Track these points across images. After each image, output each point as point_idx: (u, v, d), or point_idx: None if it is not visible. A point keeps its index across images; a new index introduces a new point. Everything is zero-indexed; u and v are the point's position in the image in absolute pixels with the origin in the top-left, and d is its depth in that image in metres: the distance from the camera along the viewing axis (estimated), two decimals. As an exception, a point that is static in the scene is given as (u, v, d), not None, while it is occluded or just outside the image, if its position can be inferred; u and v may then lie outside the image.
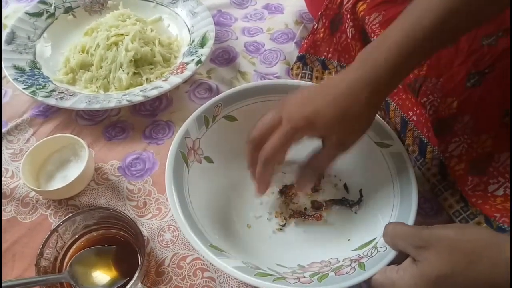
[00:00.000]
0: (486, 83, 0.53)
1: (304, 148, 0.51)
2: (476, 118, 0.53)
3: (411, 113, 0.61)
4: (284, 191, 0.59)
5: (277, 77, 0.77)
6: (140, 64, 0.75)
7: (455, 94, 0.55)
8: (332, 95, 0.46)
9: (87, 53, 0.76)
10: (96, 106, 0.67)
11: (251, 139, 0.51)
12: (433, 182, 0.58)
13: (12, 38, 0.78)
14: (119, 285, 0.50)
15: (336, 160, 0.50)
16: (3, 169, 0.65)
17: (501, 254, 0.36)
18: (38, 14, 0.83)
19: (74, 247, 0.54)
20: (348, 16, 0.67)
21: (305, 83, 0.65)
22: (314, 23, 0.75)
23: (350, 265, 0.48)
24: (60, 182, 0.60)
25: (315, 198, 0.59)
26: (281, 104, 0.49)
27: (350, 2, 0.66)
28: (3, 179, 0.64)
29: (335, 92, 0.46)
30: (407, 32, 0.44)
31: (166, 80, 0.72)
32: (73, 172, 0.60)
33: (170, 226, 0.58)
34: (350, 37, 0.68)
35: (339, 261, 0.50)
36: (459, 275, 0.37)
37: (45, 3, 0.85)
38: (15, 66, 0.73)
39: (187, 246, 0.56)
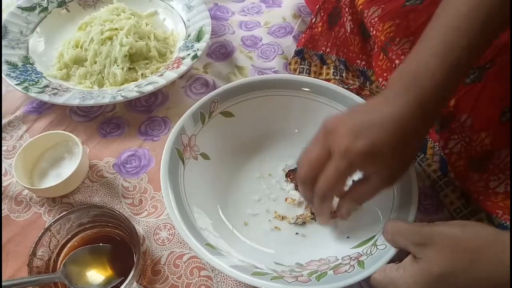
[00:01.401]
0: (486, 78, 0.52)
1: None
2: (474, 117, 0.53)
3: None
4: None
5: (275, 72, 0.76)
6: (135, 59, 0.74)
7: None
8: (388, 128, 0.42)
9: (81, 48, 0.75)
10: (90, 102, 0.66)
11: (302, 177, 0.47)
12: (433, 178, 0.58)
13: (4, 33, 0.77)
14: (114, 284, 0.49)
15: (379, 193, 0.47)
16: (-5, 166, 0.64)
17: (504, 252, 0.36)
18: (30, 8, 0.82)
19: (68, 246, 0.53)
20: (347, 10, 0.66)
21: (302, 77, 0.63)
22: (312, 17, 0.74)
23: (349, 263, 0.47)
24: (53, 179, 0.59)
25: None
26: (324, 134, 0.45)
27: (348, -4, 0.65)
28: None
29: (390, 122, 0.42)
30: (447, 53, 0.42)
31: (161, 75, 0.71)
32: (67, 169, 0.59)
33: (166, 224, 0.57)
34: (348, 31, 0.67)
35: (338, 259, 0.49)
36: (461, 273, 0.37)
37: (38, -3, 0.83)
38: (8, 62, 0.72)
39: (184, 244, 0.55)
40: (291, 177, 0.60)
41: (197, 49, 0.73)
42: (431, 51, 0.43)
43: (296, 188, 0.58)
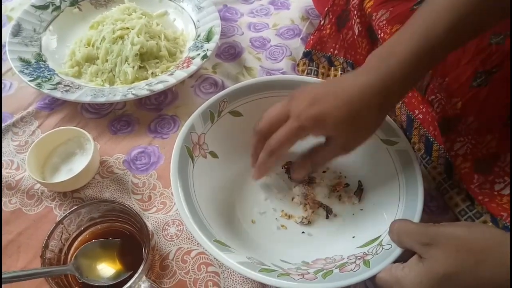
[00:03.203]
0: (492, 83, 0.52)
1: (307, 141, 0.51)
2: (480, 120, 0.53)
3: (417, 111, 0.61)
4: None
5: (283, 73, 0.77)
6: (146, 58, 0.75)
7: (460, 94, 0.54)
8: (343, 98, 0.46)
9: (93, 46, 0.76)
10: (102, 99, 0.67)
11: (258, 130, 0.51)
12: (439, 180, 0.58)
13: (18, 31, 0.78)
14: (123, 278, 0.50)
15: (336, 159, 0.52)
16: (8, 160, 0.65)
17: (509, 253, 0.36)
18: (44, 7, 0.83)
19: (79, 239, 0.54)
20: (355, 12, 0.66)
21: (312, 79, 0.64)
22: (321, 19, 0.75)
23: (354, 262, 0.48)
24: (65, 174, 0.60)
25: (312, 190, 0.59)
26: (289, 98, 0.49)
27: (357, -1, 0.66)
28: (8, 170, 0.64)
29: (346, 95, 0.46)
30: (420, 40, 0.44)
31: (171, 74, 0.72)
32: (78, 165, 0.60)
33: (175, 220, 0.58)
34: (356, 33, 0.68)
35: (344, 258, 0.50)
36: (466, 274, 0.37)
37: (51, -5, 0.85)
38: (21, 59, 0.73)
39: (192, 240, 0.56)
40: (286, 167, 0.61)
41: (207, 49, 0.74)
42: (406, 35, 0.45)
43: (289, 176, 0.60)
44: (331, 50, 0.74)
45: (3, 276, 0.44)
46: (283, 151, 0.50)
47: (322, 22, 0.74)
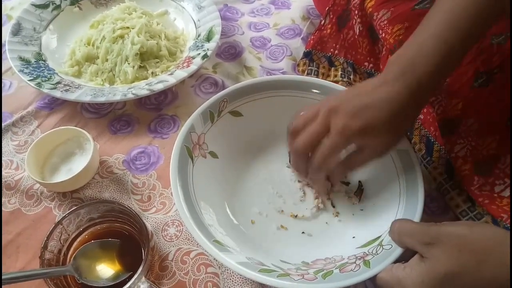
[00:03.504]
0: (493, 84, 0.52)
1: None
2: (481, 121, 0.53)
3: (418, 112, 0.61)
4: None
5: (283, 73, 0.77)
6: (146, 58, 0.75)
7: (461, 95, 0.54)
8: (384, 108, 0.45)
9: (93, 45, 0.76)
10: (102, 99, 0.67)
11: (297, 148, 0.51)
12: (439, 181, 0.58)
13: (18, 30, 0.78)
14: (122, 278, 0.50)
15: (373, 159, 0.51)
16: (7, 160, 0.65)
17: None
18: (44, 6, 0.83)
19: (78, 240, 0.54)
20: (356, 12, 0.66)
21: (312, 79, 0.64)
22: (321, 18, 0.75)
23: (355, 262, 0.48)
24: (64, 174, 0.60)
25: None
26: (326, 111, 0.48)
27: (358, -2, 0.66)
28: (7, 170, 0.64)
29: (386, 105, 0.45)
30: (441, 40, 0.44)
31: (171, 74, 0.71)
32: (77, 165, 0.60)
33: (174, 221, 0.58)
34: (357, 33, 0.67)
35: (344, 258, 0.50)
36: (468, 273, 0.37)
37: (51, -6, 0.84)
38: (21, 58, 0.73)
39: (191, 241, 0.56)
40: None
41: (207, 49, 0.74)
42: (428, 36, 0.45)
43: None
44: (332, 50, 0.73)
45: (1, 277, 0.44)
46: (331, 167, 0.50)
47: (323, 21, 0.74)
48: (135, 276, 0.47)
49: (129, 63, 0.73)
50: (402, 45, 0.48)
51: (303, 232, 0.56)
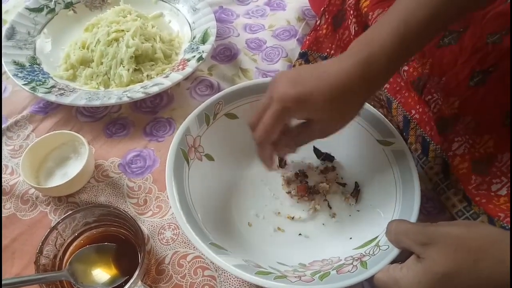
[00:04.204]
0: (489, 82, 0.52)
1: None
2: (478, 119, 0.53)
3: (413, 111, 0.61)
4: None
5: (279, 74, 0.77)
6: (141, 61, 0.75)
7: (457, 94, 0.54)
8: (326, 80, 0.45)
9: (88, 49, 0.75)
10: (97, 102, 0.67)
11: (250, 123, 0.51)
12: (435, 181, 0.58)
13: (12, 34, 0.77)
14: (119, 283, 0.49)
15: (313, 141, 0.53)
16: (2, 165, 0.65)
17: (508, 252, 0.36)
18: (38, 10, 0.83)
19: (74, 244, 0.53)
20: (352, 12, 0.66)
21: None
22: (317, 19, 0.75)
23: (352, 263, 0.47)
24: (60, 179, 0.60)
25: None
26: (271, 83, 0.48)
27: (353, -2, 0.66)
28: (2, 175, 0.63)
29: (329, 78, 0.45)
30: (400, 25, 0.44)
31: (167, 76, 0.71)
32: (73, 169, 0.60)
33: (171, 224, 0.58)
34: (353, 33, 0.67)
35: (341, 260, 0.49)
36: (465, 273, 0.37)
37: (45, -2, 0.84)
38: (15, 62, 0.73)
39: (188, 244, 0.56)
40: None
41: (202, 51, 0.74)
42: (386, 21, 0.45)
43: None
44: (328, 50, 0.73)
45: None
46: (273, 137, 0.49)
47: (318, 22, 0.74)
48: (132, 280, 0.47)
49: (124, 66, 0.72)
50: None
51: (300, 234, 0.56)
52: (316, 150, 0.63)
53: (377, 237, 0.50)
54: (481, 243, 0.38)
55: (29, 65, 0.74)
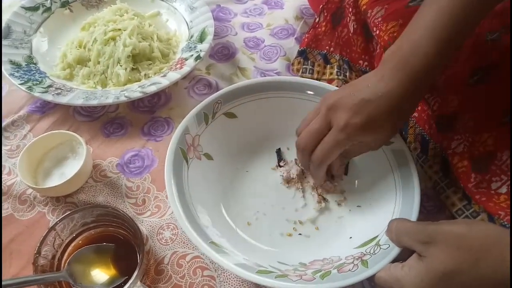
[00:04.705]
0: (489, 80, 0.52)
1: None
2: (477, 118, 0.53)
3: (412, 110, 0.61)
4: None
5: (277, 73, 0.77)
6: (138, 60, 0.74)
7: (457, 92, 0.54)
8: (384, 104, 0.46)
9: (84, 48, 0.75)
10: (94, 102, 0.66)
11: (301, 147, 0.52)
12: (435, 179, 0.58)
13: (7, 33, 0.77)
14: (118, 283, 0.49)
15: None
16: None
17: (509, 250, 0.36)
18: (34, 8, 0.82)
19: (72, 245, 0.53)
20: (350, 9, 0.66)
21: (306, 80, 0.64)
22: (316, 16, 0.75)
23: (352, 262, 0.47)
24: (57, 179, 0.59)
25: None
26: (326, 108, 0.49)
27: (352, -4, 0.66)
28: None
29: (385, 101, 0.46)
30: (436, 36, 0.45)
31: (164, 76, 0.71)
32: (70, 169, 0.59)
33: (170, 224, 0.58)
34: (351, 31, 0.67)
35: (341, 259, 0.49)
36: (466, 272, 0.37)
37: (41, -3, 0.83)
38: (11, 61, 0.72)
39: (187, 244, 0.56)
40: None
41: (200, 50, 0.74)
42: (421, 34, 0.46)
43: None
44: (327, 47, 0.73)
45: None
46: (331, 160, 0.51)
47: (317, 19, 0.74)
48: (131, 280, 0.46)
49: (121, 65, 0.72)
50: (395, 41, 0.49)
51: (300, 234, 0.55)
52: None
53: (377, 236, 0.50)
54: (483, 241, 0.38)
55: (26, 65, 0.73)
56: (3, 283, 0.44)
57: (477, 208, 0.53)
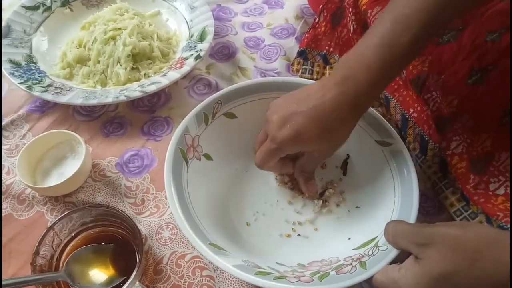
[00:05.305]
0: (488, 81, 0.52)
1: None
2: (476, 118, 0.53)
3: (411, 110, 0.60)
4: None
5: (277, 73, 0.76)
6: (138, 59, 0.74)
7: (456, 92, 0.54)
8: (314, 116, 0.47)
9: (84, 47, 0.75)
10: (94, 101, 0.66)
11: (255, 145, 0.56)
12: (434, 180, 0.58)
13: (7, 32, 0.77)
14: (116, 283, 0.49)
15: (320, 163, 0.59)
16: (-2, 165, 0.64)
17: (505, 252, 0.36)
18: (34, 8, 0.82)
19: (71, 245, 0.53)
20: (350, 9, 0.66)
21: (305, 80, 0.64)
22: (315, 17, 0.74)
23: (351, 264, 0.47)
24: (56, 178, 0.59)
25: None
26: (265, 120, 0.51)
27: (352, -4, 0.66)
28: (-2, 175, 0.63)
29: (317, 113, 0.47)
30: (385, 50, 0.44)
31: (164, 75, 0.71)
32: (70, 168, 0.59)
33: (169, 224, 0.58)
34: (351, 31, 0.67)
35: (340, 260, 0.49)
36: (462, 274, 0.37)
37: (41, -4, 0.83)
38: (11, 60, 0.72)
39: (186, 244, 0.56)
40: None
41: (200, 50, 0.74)
42: (370, 45, 0.46)
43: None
44: (326, 48, 0.73)
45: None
46: (270, 168, 0.54)
47: (317, 19, 0.74)
48: (129, 280, 0.46)
49: (121, 65, 0.72)
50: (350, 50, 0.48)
51: (298, 235, 0.55)
52: None
53: (376, 237, 0.49)
54: (478, 243, 0.38)
55: (25, 64, 0.73)
56: (2, 283, 0.44)
57: (475, 210, 0.53)
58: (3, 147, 0.66)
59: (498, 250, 0.37)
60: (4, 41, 0.75)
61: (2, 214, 0.59)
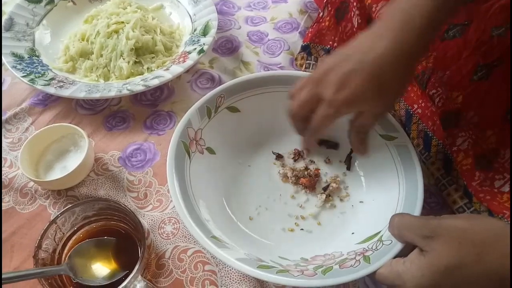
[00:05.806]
0: (493, 76, 0.51)
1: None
2: (481, 114, 0.52)
3: (416, 106, 0.60)
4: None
5: (281, 68, 0.76)
6: (141, 53, 0.74)
7: (461, 88, 0.54)
8: (371, 74, 0.45)
9: (87, 41, 0.74)
10: (96, 95, 0.66)
11: (293, 116, 0.53)
12: (437, 176, 0.58)
13: (10, 25, 0.76)
14: (118, 277, 0.49)
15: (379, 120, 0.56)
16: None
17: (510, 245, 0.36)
18: (37, 1, 0.81)
19: (73, 238, 0.53)
20: (355, 4, 0.65)
21: (309, 74, 0.63)
22: (320, 11, 0.74)
23: (354, 258, 0.47)
24: (59, 172, 0.59)
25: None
26: (315, 80, 0.49)
27: (357, -10, 0.65)
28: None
29: (373, 70, 0.45)
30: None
31: (167, 69, 0.70)
32: (72, 162, 0.59)
33: (171, 218, 0.57)
34: (356, 26, 0.66)
35: (343, 254, 0.49)
36: (468, 266, 0.37)
37: (44, -11, 0.83)
38: (14, 54, 0.72)
39: (188, 238, 0.55)
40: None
41: (203, 44, 0.73)
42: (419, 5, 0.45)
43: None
44: (330, 43, 0.72)
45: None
46: (325, 129, 0.51)
47: (321, 14, 0.73)
48: (131, 274, 0.46)
49: (124, 59, 0.71)
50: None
51: (302, 229, 0.55)
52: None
53: (380, 231, 0.49)
54: (485, 236, 0.38)
55: (28, 57, 0.73)
56: (4, 276, 0.44)
57: (478, 207, 0.52)
58: (6, 140, 0.66)
59: (504, 244, 0.36)
60: (7, 34, 0.75)
61: (5, 208, 0.59)
